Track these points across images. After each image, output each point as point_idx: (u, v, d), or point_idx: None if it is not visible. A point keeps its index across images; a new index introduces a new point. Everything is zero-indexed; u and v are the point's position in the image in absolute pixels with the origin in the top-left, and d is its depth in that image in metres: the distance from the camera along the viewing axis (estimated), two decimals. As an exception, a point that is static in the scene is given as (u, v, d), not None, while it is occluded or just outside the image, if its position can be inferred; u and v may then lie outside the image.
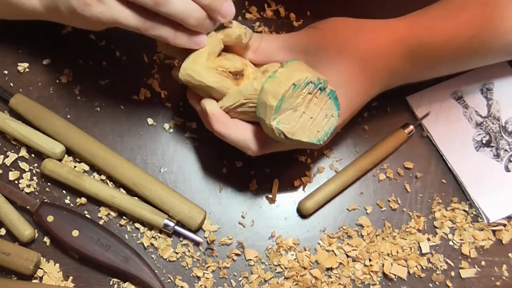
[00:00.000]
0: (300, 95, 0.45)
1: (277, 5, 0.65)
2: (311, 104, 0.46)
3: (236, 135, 0.49)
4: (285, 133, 0.45)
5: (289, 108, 0.45)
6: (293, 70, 0.45)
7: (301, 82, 0.44)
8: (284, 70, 0.45)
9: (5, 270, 0.55)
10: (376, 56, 0.51)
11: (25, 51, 0.62)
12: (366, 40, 0.51)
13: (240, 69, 0.49)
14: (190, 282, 0.56)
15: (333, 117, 0.47)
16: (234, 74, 0.49)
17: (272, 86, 0.45)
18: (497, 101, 0.62)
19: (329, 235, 0.57)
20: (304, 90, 0.45)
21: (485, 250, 0.57)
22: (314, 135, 0.47)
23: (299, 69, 0.45)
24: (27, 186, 0.58)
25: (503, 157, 0.60)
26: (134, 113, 0.61)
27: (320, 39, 0.51)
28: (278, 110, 0.44)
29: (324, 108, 0.46)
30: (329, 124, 0.47)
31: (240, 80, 0.50)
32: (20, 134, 0.58)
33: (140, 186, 0.56)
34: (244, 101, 0.48)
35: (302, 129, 0.46)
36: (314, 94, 0.45)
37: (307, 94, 0.45)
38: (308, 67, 0.46)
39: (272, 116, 0.45)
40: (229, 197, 0.59)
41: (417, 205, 0.59)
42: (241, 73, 0.50)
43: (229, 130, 0.49)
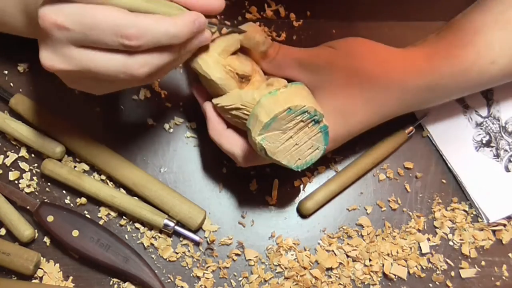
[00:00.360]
0: (292, 120, 0.45)
1: (277, 5, 0.65)
2: (301, 131, 0.46)
3: (227, 146, 0.50)
4: (266, 150, 0.45)
5: (278, 129, 0.45)
6: (294, 94, 0.45)
7: (298, 109, 0.44)
8: (286, 90, 0.45)
9: (5, 270, 0.55)
10: (389, 86, 0.49)
11: (25, 51, 0.62)
12: (381, 68, 0.49)
13: (248, 74, 0.49)
14: (190, 282, 0.56)
15: (318, 150, 0.47)
16: (240, 77, 0.49)
17: (269, 103, 0.45)
18: (497, 101, 0.62)
19: (329, 235, 0.57)
20: (298, 116, 0.45)
21: (485, 250, 0.57)
22: (294, 161, 0.47)
23: (301, 94, 0.45)
24: (27, 186, 0.58)
25: (503, 157, 0.60)
26: (134, 113, 0.61)
27: (335, 60, 0.50)
28: (266, 127, 0.45)
29: (312, 139, 0.46)
30: (312, 155, 0.47)
31: (245, 84, 0.50)
32: (20, 134, 0.58)
33: (140, 186, 0.56)
34: (240, 106, 0.48)
35: (284, 152, 0.46)
36: (307, 124, 0.45)
37: (299, 121, 0.45)
38: (310, 95, 0.47)
39: (259, 131, 0.45)
40: (229, 197, 0.59)
41: (417, 205, 0.59)
42: (247, 78, 0.50)
43: (222, 139, 0.51)
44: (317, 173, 0.59)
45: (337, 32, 0.63)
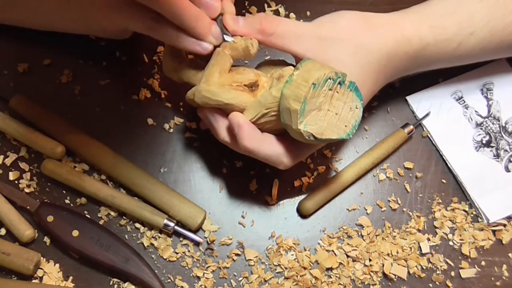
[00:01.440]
0: (321, 94, 0.44)
1: (277, 5, 0.65)
2: (334, 100, 0.45)
3: (268, 150, 0.48)
4: (314, 134, 0.45)
5: (313, 109, 0.45)
6: (309, 70, 0.45)
7: (320, 80, 0.44)
8: (300, 71, 0.45)
9: (5, 270, 0.55)
10: (388, 56, 0.51)
11: (25, 51, 0.62)
12: (378, 42, 0.50)
13: (254, 80, 0.49)
14: (190, 282, 0.56)
15: (357, 108, 0.47)
16: (249, 87, 0.49)
17: (292, 90, 0.44)
18: (497, 101, 0.62)
19: (329, 235, 0.57)
20: (324, 87, 0.44)
21: (485, 250, 0.57)
22: (343, 130, 0.46)
23: (314, 67, 0.45)
24: (27, 186, 0.58)
25: (503, 157, 0.60)
26: (134, 113, 0.61)
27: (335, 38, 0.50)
28: (302, 113, 0.44)
29: (347, 102, 0.46)
30: (355, 116, 0.47)
31: (256, 91, 0.49)
32: (20, 134, 0.58)
33: (140, 186, 0.56)
34: (265, 111, 0.47)
35: (330, 127, 0.46)
36: (335, 89, 0.45)
37: (328, 90, 0.45)
38: (322, 64, 0.46)
39: (298, 120, 0.44)
40: (229, 197, 0.59)
41: (417, 205, 0.59)
42: (256, 84, 0.49)
43: (263, 145, 0.48)
44: (317, 173, 0.59)
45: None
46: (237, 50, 0.49)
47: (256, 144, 0.47)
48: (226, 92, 0.48)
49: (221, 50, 0.48)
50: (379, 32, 0.51)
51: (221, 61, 0.48)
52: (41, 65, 0.62)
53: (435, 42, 0.52)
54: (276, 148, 0.48)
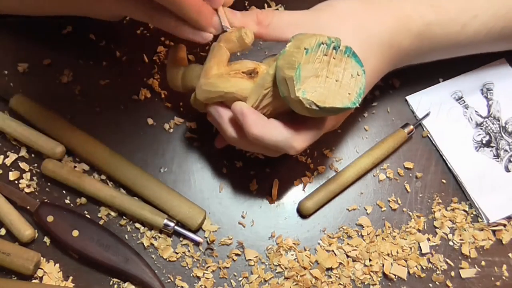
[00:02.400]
0: (316, 60, 0.43)
1: (277, 5, 0.65)
2: (331, 66, 0.44)
3: (276, 135, 0.46)
4: (315, 102, 0.43)
5: (310, 75, 0.43)
6: (301, 39, 0.44)
7: (312, 45, 0.43)
8: (292, 42, 0.44)
9: (5, 270, 0.55)
10: (388, 34, 0.50)
11: (25, 51, 0.62)
12: (377, 21, 0.50)
13: (252, 68, 0.48)
14: (190, 282, 0.56)
15: (359, 75, 0.45)
16: (248, 74, 0.48)
17: (285, 60, 0.43)
18: (497, 101, 0.62)
19: (329, 235, 0.57)
20: (318, 53, 0.43)
21: (485, 250, 0.57)
22: (347, 98, 0.44)
23: (306, 36, 0.44)
24: (27, 186, 0.58)
25: (503, 157, 0.60)
26: (134, 113, 0.61)
27: (334, 20, 0.50)
28: (298, 79, 0.42)
29: (346, 68, 0.44)
30: (358, 83, 0.45)
31: (256, 77, 0.48)
32: (20, 134, 0.58)
33: (140, 186, 0.56)
34: (265, 92, 0.46)
35: (332, 94, 0.44)
36: (331, 55, 0.44)
37: (322, 56, 0.43)
38: (315, 33, 0.44)
39: (295, 87, 0.42)
40: (229, 197, 0.59)
41: (417, 205, 0.59)
42: (255, 71, 0.48)
43: (268, 130, 0.46)
44: (317, 173, 0.59)
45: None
46: (232, 42, 0.48)
47: (263, 130, 0.45)
48: (225, 81, 0.47)
49: (217, 43, 0.48)
50: (378, 12, 0.51)
51: (218, 54, 0.48)
52: (41, 65, 0.62)
53: (437, 22, 0.52)
54: (284, 132, 0.46)
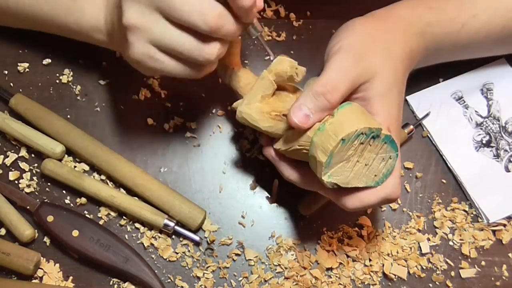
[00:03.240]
0: (351, 147, 0.43)
1: (277, 5, 0.65)
2: (365, 151, 0.44)
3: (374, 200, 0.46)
4: (338, 184, 0.44)
5: (341, 161, 0.44)
6: (342, 122, 0.43)
7: (351, 136, 0.42)
8: (334, 121, 0.44)
9: (5, 270, 0.55)
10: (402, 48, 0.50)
11: (25, 51, 0.62)
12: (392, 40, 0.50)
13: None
14: (190, 282, 0.56)
15: (391, 159, 0.45)
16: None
17: (321, 140, 0.43)
18: (497, 101, 0.62)
19: (329, 235, 0.57)
20: (355, 142, 0.43)
21: (485, 250, 0.57)
22: (372, 179, 0.46)
23: (350, 118, 0.44)
24: (27, 186, 0.58)
25: (503, 157, 0.60)
26: (134, 113, 0.61)
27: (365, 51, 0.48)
28: (328, 165, 0.43)
29: (380, 153, 0.45)
30: (387, 166, 0.46)
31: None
32: (20, 134, 0.58)
33: (140, 186, 0.56)
34: (298, 147, 0.47)
35: (357, 176, 0.45)
36: (367, 143, 0.44)
37: (359, 144, 0.43)
38: (360, 113, 0.44)
39: (322, 171, 0.44)
40: (229, 197, 0.59)
41: (417, 205, 0.59)
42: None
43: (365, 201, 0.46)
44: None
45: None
46: (282, 77, 0.48)
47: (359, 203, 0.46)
48: (264, 120, 0.48)
49: (266, 74, 0.48)
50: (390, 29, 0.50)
51: (264, 87, 0.48)
52: (41, 65, 0.62)
53: (437, 21, 0.52)
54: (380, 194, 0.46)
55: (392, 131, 0.46)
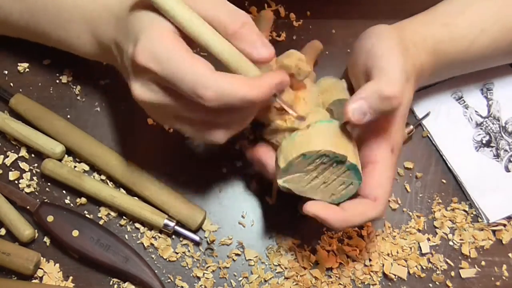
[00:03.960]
0: (312, 163, 0.44)
1: (277, 5, 0.65)
2: (326, 171, 0.45)
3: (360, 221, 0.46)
4: (293, 190, 0.45)
5: (299, 172, 0.44)
6: (311, 137, 0.44)
7: (312, 154, 0.43)
8: (305, 133, 0.44)
9: (5, 270, 0.55)
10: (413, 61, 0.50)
11: (25, 51, 0.62)
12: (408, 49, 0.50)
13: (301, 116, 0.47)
14: (190, 282, 0.56)
15: (352, 185, 0.46)
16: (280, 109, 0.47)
17: (287, 147, 0.44)
18: (497, 101, 0.62)
19: (329, 235, 0.57)
20: (316, 160, 0.44)
21: (485, 250, 0.57)
22: (328, 196, 0.46)
23: (320, 136, 0.44)
24: (27, 186, 0.58)
25: (503, 157, 0.60)
26: (134, 113, 0.61)
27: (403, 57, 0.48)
28: (285, 172, 0.44)
29: (341, 176, 0.45)
30: (348, 190, 0.46)
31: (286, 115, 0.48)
32: (20, 134, 0.58)
33: (140, 186, 0.56)
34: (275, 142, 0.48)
35: (313, 190, 0.46)
36: (330, 165, 0.44)
37: (320, 163, 0.44)
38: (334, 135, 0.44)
39: (278, 175, 0.45)
40: (229, 197, 0.59)
41: (417, 205, 0.59)
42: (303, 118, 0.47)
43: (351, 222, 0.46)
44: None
45: (337, 32, 0.63)
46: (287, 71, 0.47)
47: (346, 224, 0.46)
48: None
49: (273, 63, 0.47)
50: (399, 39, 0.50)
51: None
52: (41, 65, 0.62)
53: (449, 39, 0.52)
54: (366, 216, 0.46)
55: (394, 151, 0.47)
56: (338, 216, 0.46)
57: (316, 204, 0.46)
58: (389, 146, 0.47)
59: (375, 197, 0.46)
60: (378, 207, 0.46)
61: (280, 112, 0.48)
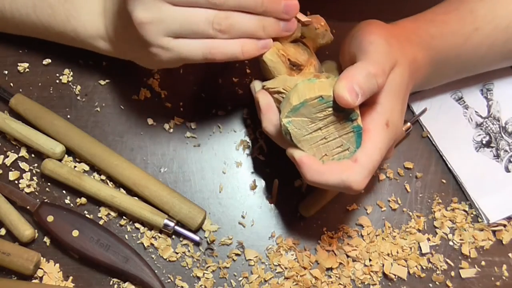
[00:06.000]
0: (324, 111, 0.43)
1: (277, 5, 0.64)
2: (331, 125, 0.44)
3: (333, 179, 0.45)
4: (291, 135, 0.44)
5: (307, 116, 0.44)
6: (331, 86, 0.43)
7: (330, 99, 0.43)
8: (326, 81, 0.44)
9: (5, 270, 0.55)
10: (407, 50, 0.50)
11: (25, 51, 0.62)
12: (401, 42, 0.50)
13: (300, 63, 0.48)
14: (190, 282, 0.56)
15: (348, 151, 0.45)
16: (292, 64, 0.48)
17: (304, 88, 0.43)
18: (497, 102, 0.62)
19: (329, 235, 0.57)
20: (330, 108, 0.43)
21: (485, 250, 0.57)
22: (320, 155, 0.45)
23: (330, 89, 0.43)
24: (27, 186, 0.58)
25: (503, 157, 0.60)
26: (134, 113, 0.61)
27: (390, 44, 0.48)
28: (295, 110, 0.43)
29: (343, 137, 0.45)
30: (341, 155, 0.45)
31: (295, 73, 0.48)
32: (20, 134, 0.58)
33: (140, 186, 0.56)
34: (281, 90, 0.47)
35: (310, 142, 0.45)
36: (339, 119, 0.44)
37: (331, 114, 0.43)
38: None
39: (286, 113, 0.43)
40: (229, 197, 0.59)
41: (417, 205, 0.59)
42: (299, 67, 0.48)
43: (324, 176, 0.45)
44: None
45: (337, 32, 0.63)
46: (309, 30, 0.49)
47: (318, 177, 0.45)
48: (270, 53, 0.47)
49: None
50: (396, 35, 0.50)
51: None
52: (41, 65, 0.62)
53: (440, 34, 0.52)
54: (340, 175, 0.45)
55: (390, 126, 0.46)
56: (313, 165, 0.45)
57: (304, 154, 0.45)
58: (383, 119, 0.46)
59: (355, 159, 0.45)
60: (356, 170, 0.44)
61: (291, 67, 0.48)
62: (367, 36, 0.48)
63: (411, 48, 0.50)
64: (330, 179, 0.45)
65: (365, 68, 0.44)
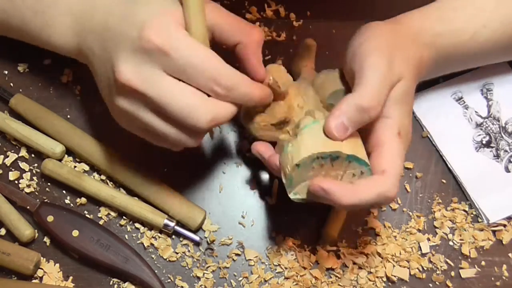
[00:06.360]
0: (310, 170, 0.44)
1: (277, 5, 0.65)
2: (330, 171, 0.44)
3: (369, 195, 0.44)
4: (307, 198, 0.45)
5: (303, 181, 0.44)
6: (300, 146, 0.44)
7: (306, 161, 0.43)
8: (295, 143, 0.44)
9: (5, 270, 0.55)
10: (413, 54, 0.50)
11: (25, 51, 0.62)
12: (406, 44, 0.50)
13: (282, 119, 0.49)
14: (190, 282, 0.56)
15: (363, 173, 0.45)
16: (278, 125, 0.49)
17: (284, 161, 0.45)
18: (497, 102, 0.62)
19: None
20: (313, 165, 0.43)
21: (485, 250, 0.57)
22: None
23: (307, 142, 0.44)
24: (27, 186, 0.58)
25: (503, 157, 0.60)
26: (134, 113, 0.61)
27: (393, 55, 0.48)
28: (290, 185, 0.45)
29: (348, 169, 0.45)
30: (363, 177, 0.45)
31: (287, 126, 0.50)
32: (20, 134, 0.58)
33: (140, 186, 0.56)
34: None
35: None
36: (329, 163, 0.44)
37: (319, 166, 0.44)
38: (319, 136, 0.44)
39: (287, 188, 0.45)
40: (229, 197, 0.59)
41: (417, 205, 0.59)
42: (285, 121, 0.49)
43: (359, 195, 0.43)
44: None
45: (337, 32, 0.63)
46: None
47: (353, 198, 0.43)
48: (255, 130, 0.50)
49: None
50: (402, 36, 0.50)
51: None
52: (41, 65, 0.62)
53: (447, 32, 0.52)
54: (375, 189, 0.44)
55: (402, 135, 0.46)
56: (346, 190, 0.43)
57: (325, 179, 0.44)
58: (394, 130, 0.46)
59: (383, 170, 0.44)
60: (387, 179, 0.44)
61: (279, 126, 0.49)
62: (368, 57, 0.47)
63: (417, 49, 0.50)
64: (365, 197, 0.44)
65: (358, 102, 0.44)
